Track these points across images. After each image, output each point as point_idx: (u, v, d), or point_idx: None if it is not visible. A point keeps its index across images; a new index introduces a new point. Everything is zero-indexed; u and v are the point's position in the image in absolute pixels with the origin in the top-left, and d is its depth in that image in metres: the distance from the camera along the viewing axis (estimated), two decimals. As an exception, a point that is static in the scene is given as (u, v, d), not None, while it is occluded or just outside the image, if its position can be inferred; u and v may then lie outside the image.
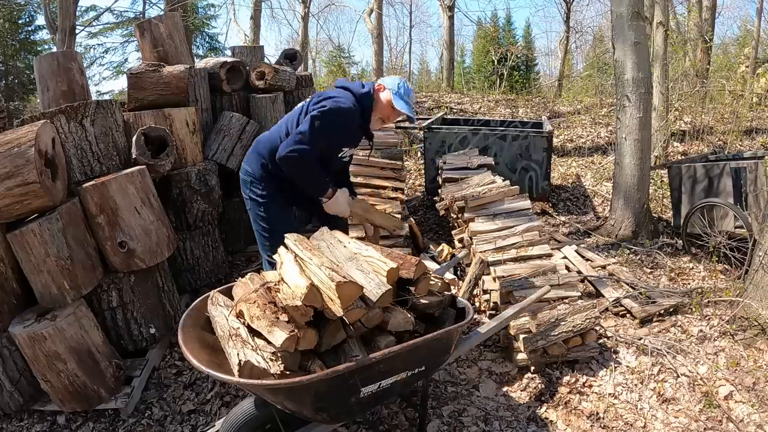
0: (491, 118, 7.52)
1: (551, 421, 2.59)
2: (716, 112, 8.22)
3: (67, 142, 2.89)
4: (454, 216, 4.13)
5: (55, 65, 3.38)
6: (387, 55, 22.19)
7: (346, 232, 2.90)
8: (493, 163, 4.73)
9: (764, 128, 7.72)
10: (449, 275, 3.52)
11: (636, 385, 2.80)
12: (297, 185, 2.62)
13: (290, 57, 5.06)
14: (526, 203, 3.78)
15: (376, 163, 4.44)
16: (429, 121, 6.21)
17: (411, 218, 4.48)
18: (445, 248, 4.22)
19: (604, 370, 2.90)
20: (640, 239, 4.57)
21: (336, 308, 1.76)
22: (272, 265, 2.51)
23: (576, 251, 4.26)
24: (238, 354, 1.72)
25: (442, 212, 4.34)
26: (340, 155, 2.73)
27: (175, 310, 3.18)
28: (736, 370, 2.82)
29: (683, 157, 6.57)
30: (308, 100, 2.69)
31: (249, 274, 2.20)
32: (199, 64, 4.36)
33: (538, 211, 5.51)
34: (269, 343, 1.73)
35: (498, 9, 46.18)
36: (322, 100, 2.52)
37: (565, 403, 2.70)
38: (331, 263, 1.93)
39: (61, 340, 2.46)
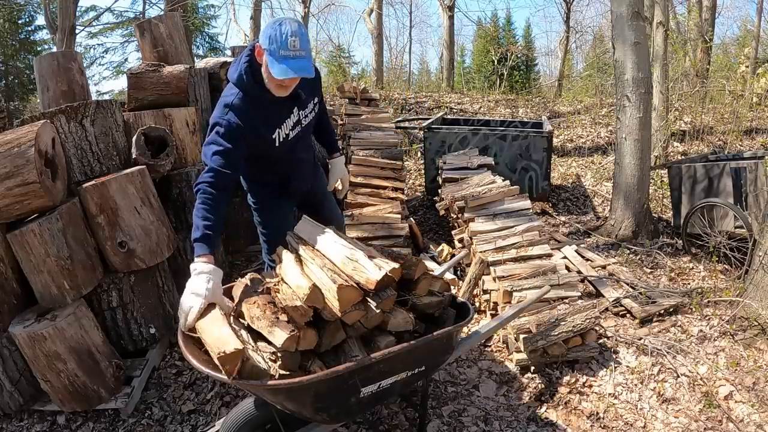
0: (491, 118, 7.52)
1: (551, 421, 2.59)
2: (716, 112, 8.21)
3: (67, 142, 2.89)
4: (454, 216, 4.13)
5: (55, 65, 3.38)
6: (387, 55, 22.17)
7: (343, 230, 2.91)
8: (493, 163, 4.73)
9: (764, 128, 7.72)
10: (449, 275, 3.52)
11: (636, 385, 2.80)
12: (287, 184, 2.48)
13: (290, 57, 5.06)
14: (526, 203, 3.78)
15: (376, 163, 4.44)
16: (429, 121, 6.21)
17: (411, 218, 4.47)
18: (445, 248, 4.22)
19: (604, 370, 2.90)
20: (640, 239, 4.57)
21: (335, 310, 1.76)
22: (273, 269, 2.50)
23: (576, 251, 4.26)
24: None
25: (442, 212, 4.34)
26: (277, 143, 2.26)
27: (175, 310, 3.18)
28: (736, 370, 2.82)
29: (683, 157, 6.57)
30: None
31: (249, 274, 2.20)
32: (199, 64, 4.36)
33: (538, 211, 5.51)
34: (269, 343, 1.73)
35: (498, 9, 46.22)
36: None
37: (565, 403, 2.70)
38: (333, 264, 1.93)
39: (61, 340, 2.46)
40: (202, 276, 1.86)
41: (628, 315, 3.45)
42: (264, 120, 2.19)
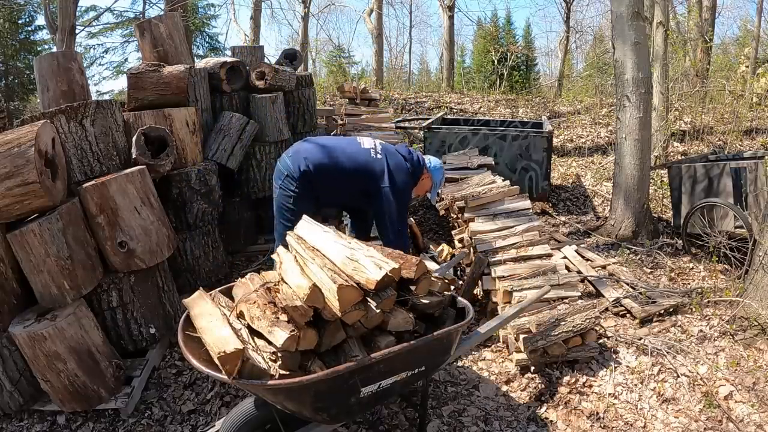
0: (491, 118, 7.52)
1: (551, 421, 2.59)
2: (716, 112, 8.21)
3: (67, 142, 2.89)
4: (454, 216, 4.13)
5: (55, 65, 3.38)
6: (387, 55, 22.20)
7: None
8: (493, 163, 4.73)
9: (764, 128, 7.72)
10: (449, 275, 3.52)
11: (636, 385, 2.80)
12: (328, 205, 3.17)
13: (290, 57, 5.07)
14: (526, 203, 3.78)
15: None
16: (429, 121, 6.21)
17: (411, 218, 4.47)
18: (445, 248, 4.21)
19: (604, 370, 2.90)
20: (640, 239, 4.57)
21: (335, 310, 1.76)
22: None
23: (576, 251, 4.26)
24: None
25: (442, 212, 4.34)
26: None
27: (175, 310, 3.18)
28: (736, 370, 2.82)
29: (683, 157, 6.57)
30: (379, 154, 2.93)
31: (249, 274, 2.21)
32: (199, 64, 4.36)
33: (538, 211, 5.51)
34: (270, 343, 1.73)
35: (498, 9, 46.25)
36: (397, 178, 2.89)
37: (565, 403, 2.70)
38: (333, 264, 1.93)
39: (61, 340, 2.46)
40: None
41: (628, 315, 3.45)
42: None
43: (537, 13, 44.60)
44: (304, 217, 2.33)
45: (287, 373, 1.71)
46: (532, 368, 2.91)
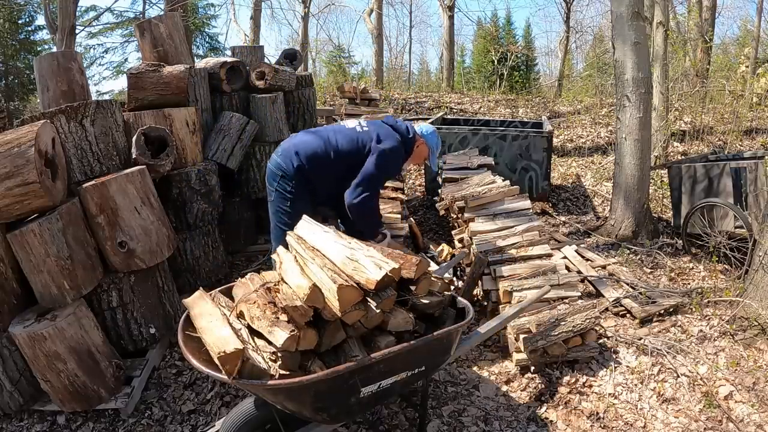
0: (491, 118, 7.52)
1: (551, 421, 2.59)
2: (716, 112, 8.21)
3: (67, 142, 2.89)
4: (454, 216, 4.13)
5: (55, 65, 3.38)
6: (387, 55, 22.18)
7: None
8: (493, 163, 4.73)
9: (764, 128, 7.72)
10: (449, 275, 3.52)
11: (636, 385, 2.80)
12: (327, 199, 2.98)
13: (290, 57, 5.06)
14: (526, 203, 3.78)
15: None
16: (429, 121, 6.21)
17: (411, 218, 4.48)
18: (445, 248, 4.21)
19: (604, 370, 2.90)
20: (640, 239, 4.57)
21: (335, 310, 1.76)
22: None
23: (576, 251, 4.26)
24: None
25: (442, 212, 4.34)
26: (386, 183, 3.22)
27: (175, 310, 3.18)
28: (736, 370, 2.82)
29: (683, 157, 6.57)
30: (364, 127, 2.92)
31: (249, 274, 2.21)
32: (199, 64, 4.36)
33: (538, 211, 5.51)
34: (270, 343, 1.73)
35: (498, 9, 46.22)
36: (385, 142, 2.84)
37: (565, 403, 2.70)
38: (333, 264, 1.93)
39: (61, 340, 2.46)
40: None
41: (628, 315, 3.45)
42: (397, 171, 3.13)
43: (537, 13, 44.59)
44: (304, 217, 2.33)
45: (287, 373, 1.71)
46: (532, 368, 2.91)
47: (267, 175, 2.92)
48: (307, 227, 2.24)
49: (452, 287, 2.85)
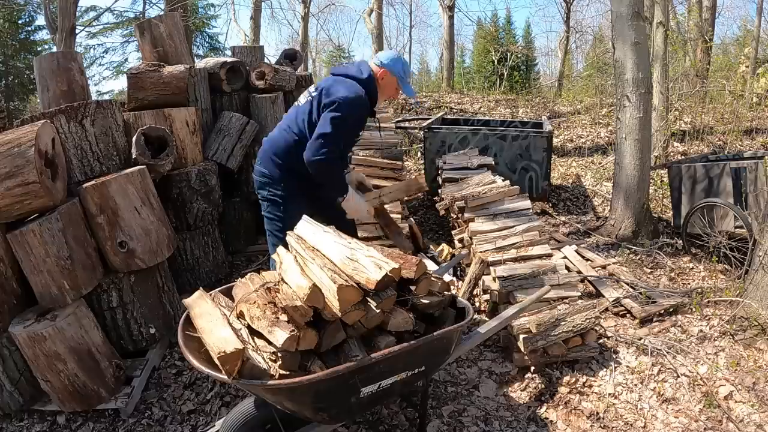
0: (491, 118, 7.52)
1: (551, 421, 2.59)
2: (716, 112, 8.21)
3: (67, 142, 2.89)
4: (454, 216, 4.12)
5: (55, 65, 3.38)
6: (387, 55, 22.09)
7: (355, 235, 2.94)
8: (493, 163, 4.73)
9: (764, 128, 7.71)
10: (449, 276, 3.52)
11: (636, 385, 2.80)
12: (320, 185, 2.68)
13: (290, 57, 5.06)
14: (526, 203, 3.78)
15: (376, 163, 4.44)
16: (429, 121, 6.21)
17: (411, 218, 4.47)
18: (445, 248, 4.22)
19: (604, 370, 2.90)
20: (640, 239, 4.56)
21: (335, 310, 1.76)
22: None
23: (576, 251, 4.26)
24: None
25: (442, 212, 4.34)
26: (361, 132, 2.95)
27: (175, 310, 3.18)
28: (736, 370, 2.82)
29: (683, 157, 6.57)
30: (313, 93, 2.70)
31: (249, 274, 2.21)
32: (199, 64, 4.36)
33: (538, 211, 5.51)
34: (270, 343, 1.73)
35: (498, 9, 46.22)
36: (334, 96, 2.55)
37: (565, 403, 2.70)
38: (333, 264, 1.93)
39: (61, 340, 2.46)
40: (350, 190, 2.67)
41: (628, 315, 3.45)
42: (366, 117, 2.76)
43: (537, 13, 44.61)
44: (304, 217, 2.33)
45: (287, 373, 1.71)
46: (532, 368, 2.91)
47: (255, 187, 2.81)
48: (307, 227, 2.24)
49: (453, 287, 2.85)
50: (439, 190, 4.44)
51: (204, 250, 3.67)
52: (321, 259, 1.96)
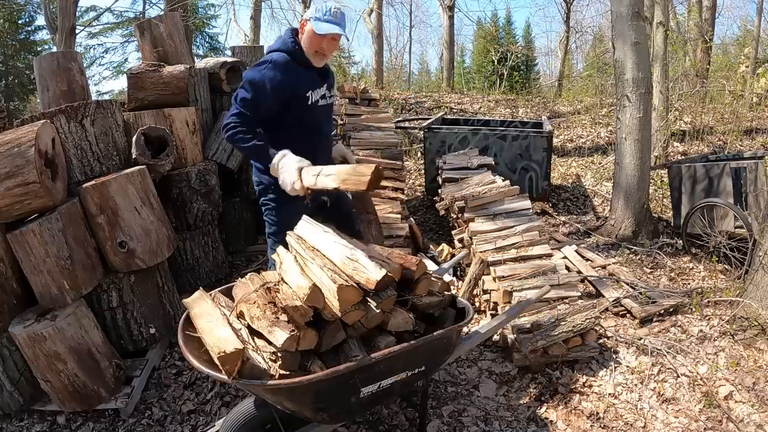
0: (491, 118, 7.52)
1: (551, 421, 2.59)
2: (716, 112, 8.21)
3: (67, 142, 2.89)
4: (454, 216, 4.13)
5: (55, 65, 3.38)
6: (387, 55, 22.13)
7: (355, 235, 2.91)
8: (493, 163, 4.73)
9: (764, 128, 7.71)
10: (449, 276, 3.52)
11: (636, 385, 2.80)
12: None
13: (290, 57, 5.05)
14: (526, 203, 3.78)
15: (376, 163, 4.43)
16: (429, 121, 6.21)
17: (411, 218, 4.48)
18: (445, 248, 4.22)
19: (604, 370, 2.90)
20: (640, 239, 4.56)
21: (335, 310, 1.76)
22: None
23: (576, 251, 4.26)
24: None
25: (442, 212, 4.34)
26: (309, 103, 2.51)
27: (175, 310, 3.18)
28: (736, 370, 2.82)
29: (683, 157, 6.57)
30: None
31: (249, 274, 2.20)
32: (199, 64, 4.36)
33: (538, 211, 5.51)
34: (270, 343, 1.73)
35: (498, 9, 46.23)
36: (253, 67, 2.46)
37: (565, 403, 2.70)
38: (333, 264, 1.93)
39: (61, 340, 2.46)
40: (289, 156, 2.27)
41: (628, 315, 3.45)
42: (300, 78, 2.47)
43: (537, 13, 44.59)
44: (304, 217, 2.33)
45: (287, 373, 1.71)
46: (532, 368, 2.91)
47: (257, 195, 2.75)
48: (307, 227, 2.24)
49: (453, 288, 2.85)
50: (439, 190, 4.45)
51: (204, 250, 3.67)
52: (321, 259, 1.95)
